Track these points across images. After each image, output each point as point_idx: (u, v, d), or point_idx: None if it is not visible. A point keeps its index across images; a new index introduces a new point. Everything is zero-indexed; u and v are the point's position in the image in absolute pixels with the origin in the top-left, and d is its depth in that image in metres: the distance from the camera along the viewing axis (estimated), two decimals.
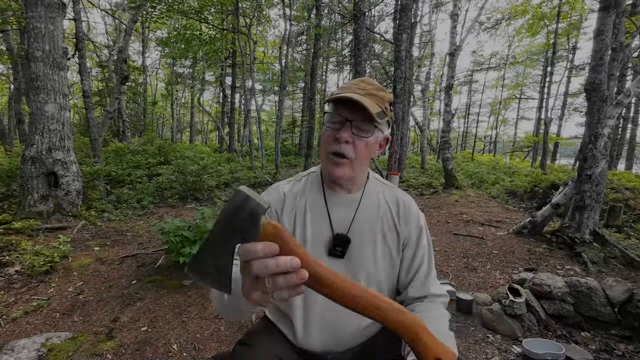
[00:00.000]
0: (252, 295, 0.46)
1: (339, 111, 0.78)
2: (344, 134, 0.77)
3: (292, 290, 0.44)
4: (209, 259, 0.43)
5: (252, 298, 0.47)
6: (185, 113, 24.85)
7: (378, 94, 0.80)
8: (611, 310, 2.17)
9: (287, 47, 9.83)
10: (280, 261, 0.42)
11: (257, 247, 0.41)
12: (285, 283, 0.42)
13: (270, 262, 0.41)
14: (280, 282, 0.42)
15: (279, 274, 0.42)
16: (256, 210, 0.42)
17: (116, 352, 1.80)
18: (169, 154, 8.77)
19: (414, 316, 0.47)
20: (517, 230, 4.18)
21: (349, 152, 0.78)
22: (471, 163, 13.68)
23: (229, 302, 0.64)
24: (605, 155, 3.72)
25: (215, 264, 0.43)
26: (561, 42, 14.42)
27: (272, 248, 0.42)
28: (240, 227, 0.42)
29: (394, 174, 6.14)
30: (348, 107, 0.77)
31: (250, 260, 0.42)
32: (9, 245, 2.86)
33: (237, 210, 0.42)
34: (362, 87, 0.80)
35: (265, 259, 0.42)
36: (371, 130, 0.79)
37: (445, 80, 8.50)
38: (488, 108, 25.94)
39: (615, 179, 6.67)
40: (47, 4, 3.62)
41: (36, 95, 3.64)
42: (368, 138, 0.79)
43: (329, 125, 0.81)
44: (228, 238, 0.43)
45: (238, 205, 0.42)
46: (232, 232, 0.42)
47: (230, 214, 0.42)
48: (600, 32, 3.42)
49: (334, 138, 0.79)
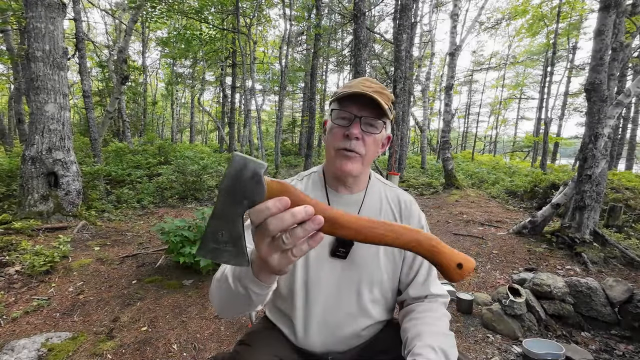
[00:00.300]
0: (271, 261, 0.45)
1: (348, 108, 0.79)
2: (354, 130, 0.77)
3: (311, 240, 0.44)
4: (220, 232, 0.42)
5: (271, 265, 0.45)
6: (186, 113, 24.87)
7: (384, 92, 0.81)
8: (611, 310, 2.17)
9: (287, 47, 9.83)
10: (295, 211, 0.41)
11: (269, 204, 0.41)
12: (304, 233, 0.42)
13: (286, 215, 0.41)
14: (299, 233, 0.42)
15: (296, 226, 0.42)
16: (257, 170, 0.41)
17: (116, 352, 1.80)
18: (169, 154, 8.77)
19: (428, 233, 0.49)
20: (517, 230, 4.17)
21: (359, 148, 0.78)
22: (471, 163, 13.68)
23: (236, 291, 0.60)
24: (606, 155, 3.72)
25: (228, 236, 0.42)
26: (561, 42, 14.43)
27: (283, 202, 0.41)
28: (245, 190, 0.41)
29: (394, 173, 6.14)
30: (357, 103, 0.78)
31: (264, 219, 0.41)
32: (9, 245, 2.86)
33: (239, 174, 0.41)
34: (368, 86, 0.80)
35: (280, 213, 0.41)
36: (380, 126, 0.80)
37: (445, 80, 8.50)
38: (488, 108, 25.97)
39: (616, 179, 6.67)
40: (47, 4, 3.62)
41: (36, 95, 3.64)
42: (377, 134, 0.80)
43: (337, 122, 0.81)
44: (235, 205, 0.42)
45: (238, 168, 0.41)
46: (238, 198, 0.42)
47: (232, 180, 0.41)
48: (600, 32, 3.42)
49: (343, 135, 0.79)
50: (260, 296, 0.60)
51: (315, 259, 0.84)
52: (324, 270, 0.84)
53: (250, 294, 0.59)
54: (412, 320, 0.79)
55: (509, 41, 19.94)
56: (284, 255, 0.44)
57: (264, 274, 0.53)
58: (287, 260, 0.44)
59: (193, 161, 6.87)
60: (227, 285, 0.62)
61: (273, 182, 0.44)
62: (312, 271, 0.83)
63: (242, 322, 2.14)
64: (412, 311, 0.83)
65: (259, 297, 0.60)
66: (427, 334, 0.72)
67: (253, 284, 0.56)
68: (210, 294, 0.72)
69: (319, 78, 17.47)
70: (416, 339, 0.71)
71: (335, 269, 0.84)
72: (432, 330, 0.73)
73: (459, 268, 0.47)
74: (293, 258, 0.44)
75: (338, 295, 0.84)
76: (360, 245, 0.84)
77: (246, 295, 0.59)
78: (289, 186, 0.44)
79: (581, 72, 14.82)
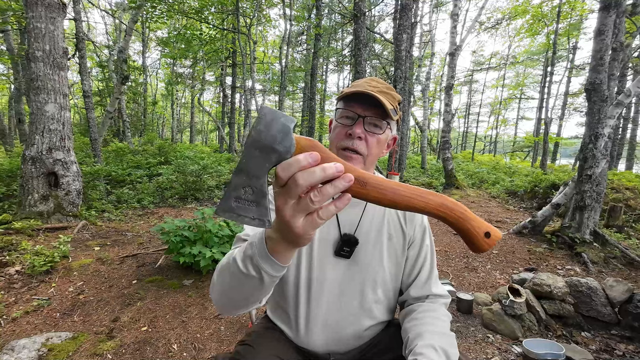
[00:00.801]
0: (295, 225, 0.42)
1: (353, 107, 0.79)
2: (357, 130, 0.77)
3: (339, 201, 0.41)
4: (244, 189, 0.40)
5: (295, 230, 0.43)
6: (186, 113, 24.87)
7: (389, 92, 0.81)
8: (611, 311, 2.17)
9: (287, 47, 9.83)
10: (326, 166, 0.39)
11: (299, 157, 0.39)
12: (334, 190, 0.39)
13: (317, 169, 0.39)
14: (329, 190, 0.39)
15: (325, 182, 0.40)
16: (287, 123, 0.40)
17: (116, 352, 1.80)
18: (169, 154, 8.77)
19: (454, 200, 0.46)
20: (518, 230, 4.17)
21: (361, 148, 0.78)
22: (471, 163, 13.68)
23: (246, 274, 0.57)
24: (606, 155, 3.72)
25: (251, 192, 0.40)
26: (561, 42, 14.43)
27: (314, 156, 0.39)
28: (274, 143, 0.39)
29: (394, 173, 6.13)
30: (361, 103, 0.78)
31: (294, 174, 0.39)
32: (10, 245, 2.86)
33: (268, 127, 0.39)
34: (374, 85, 0.80)
35: (311, 167, 0.39)
36: (383, 126, 0.80)
37: (446, 80, 8.50)
38: (488, 108, 25.96)
39: (616, 179, 6.66)
40: (47, 4, 3.62)
41: (36, 95, 3.65)
42: (380, 135, 0.80)
43: (341, 121, 0.80)
44: (262, 159, 0.40)
45: (268, 120, 0.39)
46: (266, 151, 0.39)
47: (260, 133, 0.39)
48: (600, 32, 3.42)
49: (346, 134, 0.79)
50: (272, 279, 0.56)
51: (319, 258, 0.84)
52: (328, 269, 0.84)
53: (263, 276, 0.54)
54: (413, 320, 0.79)
55: (509, 41, 19.95)
56: (309, 218, 0.42)
57: (281, 248, 0.50)
58: (313, 223, 0.42)
59: (193, 161, 6.88)
60: (235, 268, 0.58)
61: (302, 138, 0.42)
62: (316, 270, 0.83)
63: (242, 322, 2.14)
64: (413, 311, 0.82)
65: (271, 279, 0.56)
66: (428, 334, 0.71)
67: (267, 263, 0.53)
68: (212, 287, 0.68)
69: (319, 78, 17.47)
70: (417, 339, 0.71)
71: (339, 269, 0.84)
72: (433, 330, 0.73)
73: (487, 237, 0.45)
74: (319, 221, 0.42)
75: (341, 295, 0.84)
76: (364, 245, 0.84)
77: (257, 278, 0.56)
78: (318, 143, 0.43)
79: (581, 72, 14.82)
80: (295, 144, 0.41)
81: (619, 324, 2.16)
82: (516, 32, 16.04)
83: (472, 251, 0.48)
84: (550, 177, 7.00)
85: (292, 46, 13.55)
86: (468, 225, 0.45)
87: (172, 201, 5.62)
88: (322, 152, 0.41)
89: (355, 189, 0.42)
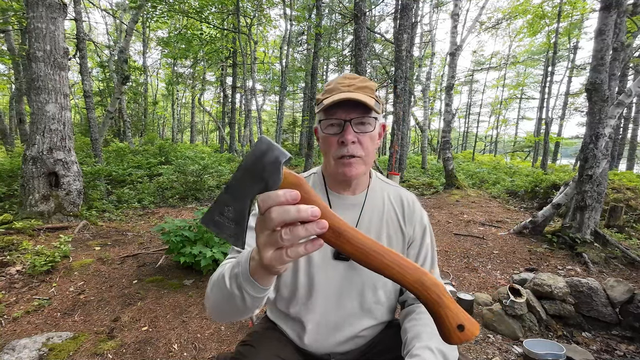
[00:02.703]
0: (265, 255, 0.43)
1: (335, 114, 0.77)
2: (348, 136, 0.75)
3: (309, 244, 0.41)
4: (228, 207, 0.42)
5: (265, 258, 0.43)
6: (186, 113, 24.89)
7: (365, 85, 0.78)
8: (612, 311, 2.17)
9: (288, 47, 9.83)
10: (302, 207, 0.39)
11: (279, 192, 0.40)
12: (305, 233, 0.39)
13: (292, 208, 0.39)
14: (300, 232, 0.39)
15: (298, 222, 0.40)
16: (279, 157, 0.41)
17: (117, 351, 1.81)
18: (169, 154, 8.78)
19: (435, 278, 0.44)
20: (518, 231, 4.17)
21: (358, 151, 0.77)
22: (472, 163, 13.67)
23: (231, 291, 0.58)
24: (607, 155, 3.71)
25: (233, 212, 0.42)
26: (562, 42, 14.41)
27: (293, 194, 0.39)
28: (262, 173, 0.41)
29: (394, 173, 6.13)
30: (343, 107, 0.76)
31: (270, 207, 0.40)
32: (10, 245, 2.86)
33: (261, 156, 0.41)
34: (348, 84, 0.78)
35: (287, 205, 0.39)
36: (372, 123, 0.78)
37: (446, 80, 8.50)
38: (489, 108, 25.94)
39: (617, 179, 6.66)
40: (48, 4, 3.62)
41: (37, 95, 3.65)
42: (372, 132, 0.78)
43: (328, 131, 0.79)
44: (249, 184, 0.41)
45: (262, 150, 0.41)
46: (253, 178, 0.41)
47: (253, 160, 0.41)
48: (601, 31, 3.41)
49: (338, 142, 0.77)
50: (255, 300, 0.57)
51: (319, 261, 0.83)
52: (327, 272, 0.83)
53: (244, 295, 0.56)
54: (413, 320, 0.78)
55: (510, 41, 19.93)
56: (278, 253, 0.42)
57: (260, 271, 0.51)
58: (280, 258, 0.42)
59: (193, 161, 6.88)
60: (223, 284, 0.60)
61: (290, 174, 0.43)
62: (315, 273, 0.83)
63: (242, 322, 2.14)
64: (412, 312, 0.82)
65: (253, 300, 0.57)
66: (426, 335, 0.71)
67: (248, 284, 0.54)
68: (206, 297, 0.69)
69: (319, 78, 17.47)
70: (415, 340, 0.71)
71: (338, 272, 0.83)
72: (431, 332, 0.73)
73: (460, 330, 0.42)
74: (286, 258, 0.42)
75: (340, 297, 0.83)
76: None
77: (240, 297, 0.57)
78: (305, 182, 0.43)
79: (582, 72, 14.80)
80: (283, 179, 0.41)
81: (620, 324, 2.16)
82: (517, 31, 16.03)
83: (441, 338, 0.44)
84: (551, 177, 6.99)
85: (292, 46, 13.55)
86: (442, 312, 0.42)
87: (173, 201, 5.63)
88: (304, 192, 0.41)
89: (328, 237, 0.42)
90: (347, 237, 0.42)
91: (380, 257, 0.42)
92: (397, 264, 0.43)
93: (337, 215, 0.43)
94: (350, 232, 0.42)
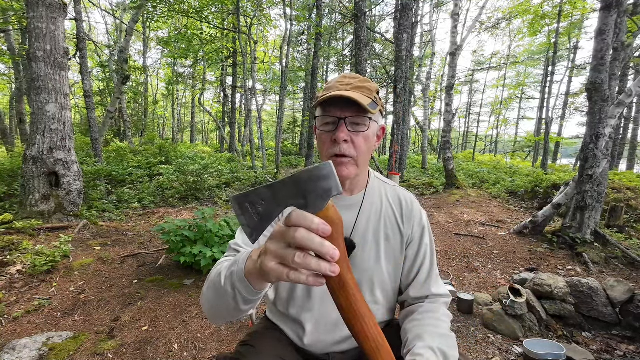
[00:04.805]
0: (268, 263, 0.44)
1: (330, 112, 0.76)
2: (340, 134, 0.74)
3: (312, 278, 0.41)
4: (261, 202, 0.43)
5: (266, 266, 0.44)
6: (186, 113, 24.88)
7: (364, 85, 0.78)
8: (612, 311, 2.17)
9: (288, 47, 9.83)
10: (326, 244, 0.40)
11: (315, 219, 0.40)
12: (316, 267, 0.40)
13: (317, 239, 0.39)
14: (312, 264, 0.40)
15: (316, 255, 0.41)
16: (332, 190, 0.42)
17: (117, 351, 1.81)
18: (169, 153, 8.79)
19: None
20: (518, 231, 4.17)
21: (350, 151, 0.76)
22: (472, 163, 13.66)
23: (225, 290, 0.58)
24: (607, 155, 3.71)
25: (263, 210, 0.43)
26: (562, 42, 14.39)
27: (327, 229, 0.40)
28: (309, 194, 0.41)
29: (394, 173, 6.13)
30: (338, 105, 0.75)
31: (300, 226, 0.40)
32: (11, 245, 2.87)
33: (317, 179, 0.41)
34: (347, 83, 0.78)
35: (316, 235, 0.40)
36: (366, 123, 0.77)
37: (446, 80, 8.49)
38: (489, 108, 25.92)
39: (617, 179, 6.65)
40: (48, 4, 3.62)
41: (37, 95, 3.65)
42: (365, 132, 0.78)
43: (322, 128, 0.79)
44: (292, 195, 0.42)
45: (321, 175, 0.41)
46: (299, 193, 0.42)
47: (308, 177, 0.42)
48: (601, 31, 3.41)
49: (331, 140, 0.77)
50: (247, 301, 0.57)
51: None
52: None
53: (237, 295, 0.56)
54: (413, 321, 0.78)
55: (510, 41, 19.92)
56: (280, 268, 0.43)
57: (255, 275, 0.52)
58: (280, 274, 0.43)
59: (194, 161, 6.88)
60: (218, 281, 0.61)
61: (334, 208, 0.43)
62: None
63: (242, 322, 2.14)
64: (413, 312, 0.82)
65: (245, 301, 0.57)
66: (427, 335, 0.71)
67: (241, 284, 0.54)
68: (202, 295, 0.69)
69: (319, 78, 17.46)
70: (416, 340, 0.71)
71: None
72: (432, 332, 0.73)
73: None
74: (285, 277, 0.42)
75: None
76: (361, 247, 0.84)
77: (232, 296, 0.57)
78: (341, 224, 0.44)
79: (582, 71, 14.79)
80: (325, 209, 0.42)
81: (620, 324, 2.16)
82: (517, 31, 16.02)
83: None
84: (551, 177, 6.99)
85: (292, 46, 13.55)
86: None
87: (173, 201, 5.63)
88: (335, 232, 0.42)
89: (332, 282, 0.44)
90: (348, 293, 0.44)
91: (365, 327, 0.45)
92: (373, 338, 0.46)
93: (351, 269, 0.45)
94: (353, 290, 0.44)
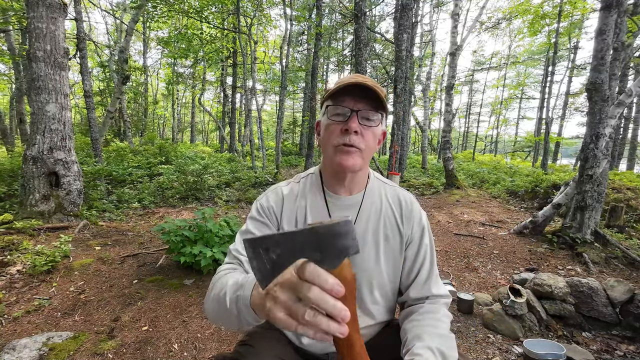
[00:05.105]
0: (277, 313, 0.43)
1: (344, 102, 0.76)
2: (352, 124, 0.74)
3: (322, 334, 0.41)
4: (275, 250, 0.41)
5: (274, 315, 0.43)
6: (186, 113, 24.88)
7: (377, 85, 0.79)
8: (612, 311, 2.17)
9: (288, 47, 9.82)
10: (339, 306, 0.39)
11: (330, 279, 0.39)
12: (326, 328, 0.40)
13: (331, 301, 0.39)
14: (322, 324, 0.40)
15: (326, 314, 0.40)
16: (349, 249, 0.41)
17: (117, 351, 1.81)
18: (169, 153, 8.79)
19: None
20: (518, 231, 4.17)
21: (359, 142, 0.76)
22: (472, 163, 13.65)
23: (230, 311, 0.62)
24: (607, 155, 3.71)
25: (276, 257, 0.42)
26: (562, 42, 14.38)
27: (340, 291, 0.39)
28: (325, 249, 0.40)
29: (394, 173, 6.13)
30: (353, 97, 0.76)
31: (314, 284, 0.39)
32: (11, 245, 2.87)
33: (335, 236, 0.41)
34: (360, 81, 0.78)
35: (328, 295, 0.39)
36: (378, 118, 0.78)
37: (446, 80, 8.49)
38: (489, 108, 25.91)
39: (617, 179, 6.65)
40: (48, 4, 3.62)
41: (37, 95, 3.65)
42: (376, 127, 0.78)
43: (333, 118, 0.78)
44: (307, 248, 0.41)
45: (339, 232, 0.41)
46: (315, 247, 0.41)
47: (326, 233, 0.41)
48: (601, 31, 3.41)
49: (341, 130, 0.76)
50: (250, 323, 0.60)
51: None
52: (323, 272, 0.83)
53: (242, 319, 0.59)
54: (413, 321, 0.78)
55: (510, 41, 19.91)
56: (287, 319, 0.42)
57: (259, 306, 0.52)
58: (289, 325, 0.42)
59: (194, 161, 6.88)
60: (223, 301, 0.64)
61: (348, 267, 0.42)
62: None
63: None
64: (413, 312, 0.82)
65: (250, 322, 0.60)
66: (426, 336, 0.71)
67: (247, 311, 0.57)
68: (205, 303, 0.71)
69: (319, 78, 17.47)
70: (415, 340, 0.71)
71: None
72: (432, 332, 0.73)
73: None
74: (293, 329, 0.42)
75: None
76: (360, 247, 0.83)
77: (237, 317, 0.60)
78: (353, 284, 0.43)
79: (582, 71, 14.79)
80: (340, 267, 0.41)
81: (620, 324, 2.16)
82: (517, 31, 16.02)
83: None
84: (551, 177, 6.99)
85: (292, 46, 13.55)
86: None
87: (173, 201, 5.63)
88: (349, 293, 0.42)
89: (339, 342, 0.43)
90: (353, 352, 0.44)
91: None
92: None
93: (360, 331, 0.45)
94: (358, 349, 0.44)
